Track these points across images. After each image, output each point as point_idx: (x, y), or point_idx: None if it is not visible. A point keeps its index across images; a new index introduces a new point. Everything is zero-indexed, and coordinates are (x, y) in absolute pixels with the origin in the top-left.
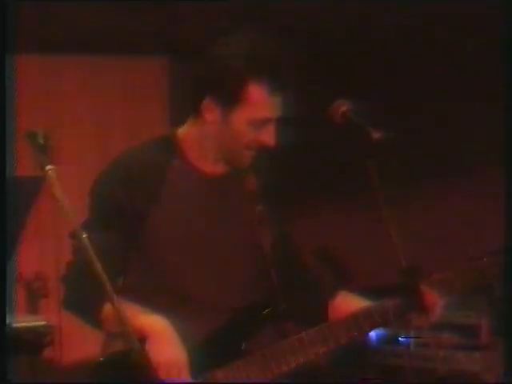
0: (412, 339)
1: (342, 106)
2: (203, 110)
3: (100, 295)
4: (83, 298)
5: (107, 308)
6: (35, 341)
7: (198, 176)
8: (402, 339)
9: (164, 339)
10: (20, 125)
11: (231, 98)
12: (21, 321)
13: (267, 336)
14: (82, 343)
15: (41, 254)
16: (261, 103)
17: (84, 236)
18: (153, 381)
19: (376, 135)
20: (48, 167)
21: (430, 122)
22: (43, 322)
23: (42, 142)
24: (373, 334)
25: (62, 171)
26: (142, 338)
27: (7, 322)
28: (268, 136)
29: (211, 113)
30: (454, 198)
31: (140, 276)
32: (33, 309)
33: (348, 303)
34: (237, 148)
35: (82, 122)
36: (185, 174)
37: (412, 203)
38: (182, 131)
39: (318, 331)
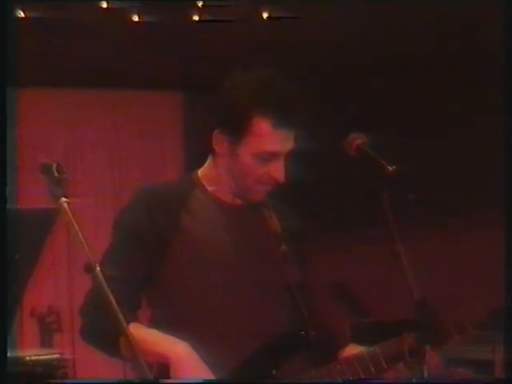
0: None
1: (357, 139)
2: (213, 143)
3: (116, 325)
4: (100, 328)
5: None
6: (49, 374)
7: (219, 205)
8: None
9: (188, 365)
10: (35, 159)
11: (237, 130)
12: (34, 354)
13: (297, 363)
14: (94, 376)
15: (54, 288)
16: (266, 137)
17: (98, 269)
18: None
19: (391, 168)
20: (62, 199)
21: (444, 154)
22: (56, 355)
23: (56, 174)
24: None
25: (76, 204)
26: (166, 366)
27: (21, 355)
28: (277, 171)
29: (220, 145)
30: (469, 234)
31: (165, 306)
32: (46, 342)
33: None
34: (247, 181)
35: (97, 156)
36: (205, 203)
37: (428, 238)
38: (202, 170)
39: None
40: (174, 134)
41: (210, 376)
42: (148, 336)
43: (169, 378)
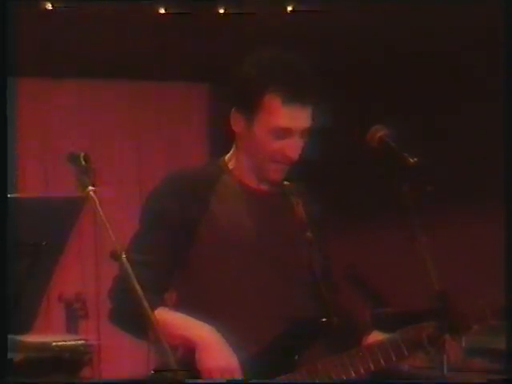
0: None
1: (379, 132)
2: (232, 123)
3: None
4: (126, 311)
5: (160, 318)
6: (75, 359)
7: (245, 191)
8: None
9: (214, 348)
10: (63, 148)
11: (251, 107)
12: (61, 340)
13: (319, 349)
14: (119, 361)
15: (81, 275)
16: (278, 112)
17: (124, 256)
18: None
19: (412, 160)
20: (89, 188)
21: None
22: (82, 341)
23: (83, 163)
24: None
25: (102, 192)
26: (191, 349)
27: (48, 340)
28: (290, 148)
29: (237, 125)
30: (490, 225)
31: (191, 290)
32: (72, 328)
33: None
34: (262, 160)
35: (122, 144)
36: (232, 189)
37: (447, 228)
38: (228, 155)
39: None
40: (200, 122)
41: (234, 360)
42: (174, 320)
43: (193, 361)
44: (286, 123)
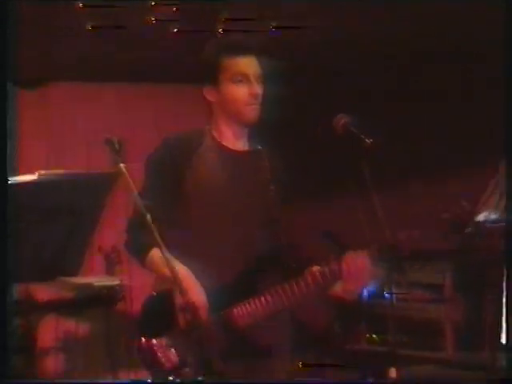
0: (394, 295)
1: (342, 119)
2: (206, 96)
3: (147, 244)
4: (137, 243)
5: (152, 254)
6: (111, 296)
7: (223, 150)
8: (387, 295)
9: (190, 285)
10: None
11: (215, 75)
12: (101, 281)
13: (275, 280)
14: (144, 296)
15: (116, 232)
16: (232, 66)
17: (148, 216)
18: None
19: (368, 141)
20: (121, 165)
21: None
22: (117, 282)
23: (116, 146)
24: (365, 291)
25: (131, 168)
26: (171, 282)
27: (91, 281)
28: (251, 88)
29: (210, 93)
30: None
31: (178, 236)
32: (110, 272)
33: (355, 258)
34: (237, 105)
35: (146, 136)
36: (212, 149)
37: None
38: (210, 123)
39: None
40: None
41: (202, 295)
42: (162, 259)
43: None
44: (241, 70)
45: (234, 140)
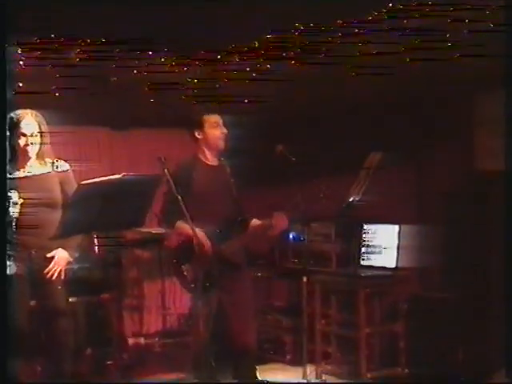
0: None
1: (280, 147)
2: (196, 134)
3: (178, 215)
4: (171, 214)
5: (180, 221)
6: (161, 238)
7: (205, 165)
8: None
9: (200, 235)
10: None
11: (201, 126)
12: (156, 230)
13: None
14: None
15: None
16: (210, 121)
17: (179, 197)
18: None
19: (293, 159)
20: (165, 170)
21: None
22: (164, 231)
23: (163, 159)
24: (291, 235)
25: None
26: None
27: (150, 230)
28: (222, 131)
29: (199, 134)
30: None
31: (188, 211)
32: (160, 226)
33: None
34: (216, 141)
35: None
36: (201, 164)
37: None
38: (198, 151)
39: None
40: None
41: (208, 241)
42: (183, 225)
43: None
44: (215, 120)
45: (212, 159)
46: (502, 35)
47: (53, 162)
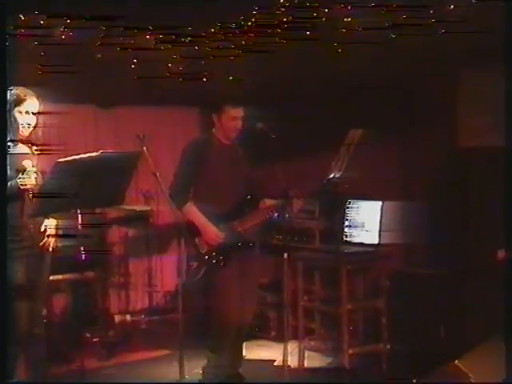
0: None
1: (259, 125)
2: (214, 118)
3: (185, 198)
4: (178, 195)
5: (188, 205)
6: (146, 216)
7: (220, 144)
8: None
9: (209, 225)
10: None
11: (219, 111)
12: (140, 207)
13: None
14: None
15: (148, 183)
16: (229, 112)
17: (157, 174)
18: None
19: (272, 135)
20: (144, 148)
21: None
22: (149, 208)
23: (141, 137)
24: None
25: (150, 153)
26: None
27: (133, 208)
28: (236, 126)
29: (216, 119)
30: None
31: (199, 192)
32: (145, 203)
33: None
34: (227, 131)
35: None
36: (215, 144)
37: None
38: (214, 129)
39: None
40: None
41: (216, 230)
42: (193, 209)
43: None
44: (234, 114)
45: (226, 140)
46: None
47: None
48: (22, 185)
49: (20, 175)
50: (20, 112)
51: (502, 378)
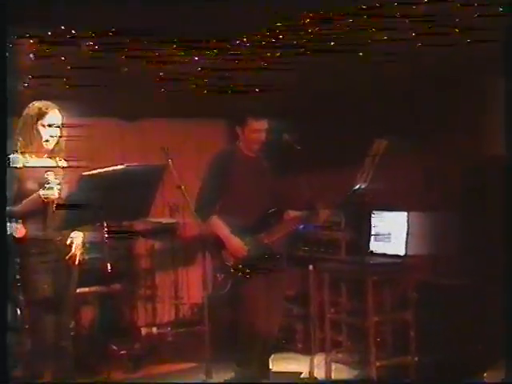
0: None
1: (285, 137)
2: (238, 131)
3: (210, 211)
4: (204, 208)
5: (213, 218)
6: (172, 228)
7: (244, 156)
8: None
9: (233, 238)
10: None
11: (243, 125)
12: (166, 220)
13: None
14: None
15: (174, 195)
16: (253, 125)
17: (182, 187)
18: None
19: (298, 147)
20: (169, 161)
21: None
22: (175, 221)
23: (166, 149)
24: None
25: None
26: (219, 237)
27: (160, 220)
28: (259, 139)
29: (239, 132)
30: None
31: (225, 202)
32: (171, 216)
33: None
34: (251, 143)
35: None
36: (240, 156)
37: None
38: (238, 142)
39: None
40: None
41: (240, 243)
42: (218, 221)
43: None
44: (258, 127)
45: (251, 152)
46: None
47: (55, 157)
48: (44, 197)
49: (43, 188)
50: (43, 125)
51: (502, 378)
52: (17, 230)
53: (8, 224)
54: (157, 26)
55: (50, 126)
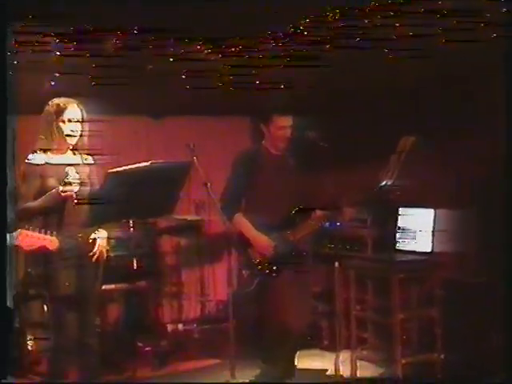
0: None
1: (310, 134)
2: (263, 128)
3: (236, 209)
4: (229, 206)
5: (238, 216)
6: (198, 225)
7: (270, 154)
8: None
9: (260, 236)
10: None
11: (268, 123)
12: (192, 217)
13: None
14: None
15: (198, 192)
16: (278, 121)
17: (208, 184)
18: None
19: (323, 144)
20: (194, 158)
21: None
22: (200, 218)
23: (192, 146)
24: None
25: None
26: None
27: (185, 217)
28: (287, 135)
29: (265, 129)
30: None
31: (250, 200)
32: (197, 213)
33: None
34: (276, 141)
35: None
36: (266, 155)
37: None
38: (263, 141)
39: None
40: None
41: (267, 240)
42: (244, 220)
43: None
44: (283, 123)
45: (276, 150)
46: None
47: (80, 154)
48: (62, 192)
49: (62, 183)
50: (63, 121)
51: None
52: (50, 242)
53: (31, 232)
54: (182, 24)
55: (70, 121)
